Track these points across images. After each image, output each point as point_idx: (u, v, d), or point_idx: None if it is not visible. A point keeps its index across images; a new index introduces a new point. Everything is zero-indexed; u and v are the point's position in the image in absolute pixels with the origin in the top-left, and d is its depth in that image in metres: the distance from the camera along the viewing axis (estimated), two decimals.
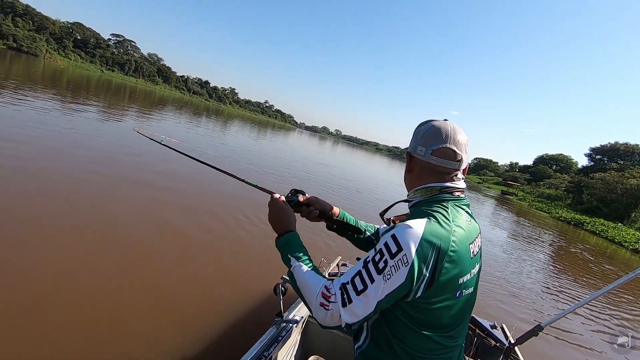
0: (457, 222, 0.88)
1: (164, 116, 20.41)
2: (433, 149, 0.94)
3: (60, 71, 39.34)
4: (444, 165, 0.94)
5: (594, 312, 5.67)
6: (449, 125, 0.96)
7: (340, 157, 34.21)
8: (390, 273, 0.80)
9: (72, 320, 2.32)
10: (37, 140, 6.36)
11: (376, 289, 0.81)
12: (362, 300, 0.81)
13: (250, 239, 4.64)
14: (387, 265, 0.81)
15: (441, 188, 0.94)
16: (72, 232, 3.47)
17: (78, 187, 4.66)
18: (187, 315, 2.74)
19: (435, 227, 0.84)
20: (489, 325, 2.51)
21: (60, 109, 11.04)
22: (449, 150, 0.94)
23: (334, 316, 0.83)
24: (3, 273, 2.58)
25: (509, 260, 8.02)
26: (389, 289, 0.80)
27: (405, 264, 0.79)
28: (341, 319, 0.82)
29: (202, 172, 7.20)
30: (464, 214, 0.94)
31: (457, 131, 0.96)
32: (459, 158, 0.95)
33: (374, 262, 0.83)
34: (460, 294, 0.88)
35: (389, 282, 0.80)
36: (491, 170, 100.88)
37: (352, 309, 0.82)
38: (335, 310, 0.82)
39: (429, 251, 0.80)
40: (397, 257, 0.80)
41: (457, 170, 0.96)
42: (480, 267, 0.98)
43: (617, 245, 18.64)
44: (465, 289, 0.90)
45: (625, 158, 45.51)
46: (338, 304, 0.82)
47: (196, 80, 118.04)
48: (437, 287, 0.83)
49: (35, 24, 64.98)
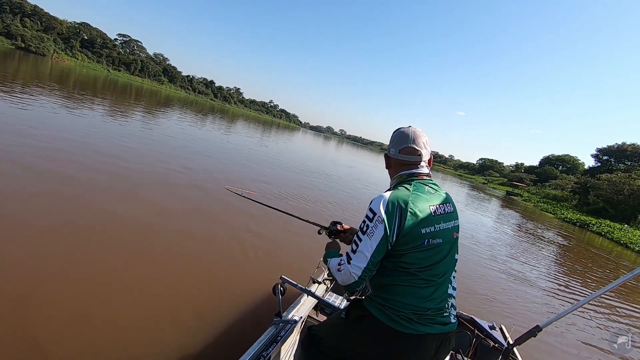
0: (418, 191, 1.23)
1: (185, 118, 20.55)
2: (400, 149, 1.33)
3: (68, 71, 39.70)
4: (409, 160, 1.32)
5: (594, 312, 5.65)
6: (411, 130, 1.34)
7: (351, 157, 34.19)
8: (372, 231, 1.15)
9: (71, 320, 2.33)
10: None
11: (365, 245, 1.16)
12: (359, 255, 1.17)
13: (251, 239, 4.67)
14: (368, 227, 1.16)
15: (409, 174, 1.31)
16: (49, 232, 3.54)
17: (39, 182, 4.75)
18: (185, 314, 2.75)
19: (397, 192, 1.21)
20: (488, 326, 2.53)
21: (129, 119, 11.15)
22: (411, 148, 1.32)
23: (346, 273, 1.18)
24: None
25: (508, 260, 8.00)
26: (376, 242, 1.15)
27: (381, 222, 1.14)
28: (351, 274, 1.17)
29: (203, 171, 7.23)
30: (428, 187, 1.28)
31: (417, 134, 1.33)
32: (419, 153, 1.32)
33: (361, 229, 1.20)
34: (428, 242, 1.18)
35: (373, 237, 1.15)
36: (496, 170, 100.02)
37: (354, 263, 1.17)
38: (345, 268, 1.19)
39: (394, 208, 1.16)
40: (374, 219, 1.16)
41: (419, 162, 1.32)
42: (455, 229, 1.30)
43: (623, 246, 18.43)
44: (432, 238, 1.18)
45: (632, 159, 44.83)
46: (345, 264, 1.19)
47: (201, 80, 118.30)
48: (405, 234, 1.15)
49: (43, 25, 65.57)
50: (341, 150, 50.44)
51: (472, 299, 4.83)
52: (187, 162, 8.34)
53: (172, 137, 11.72)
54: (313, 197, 8.61)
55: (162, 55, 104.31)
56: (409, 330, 1.13)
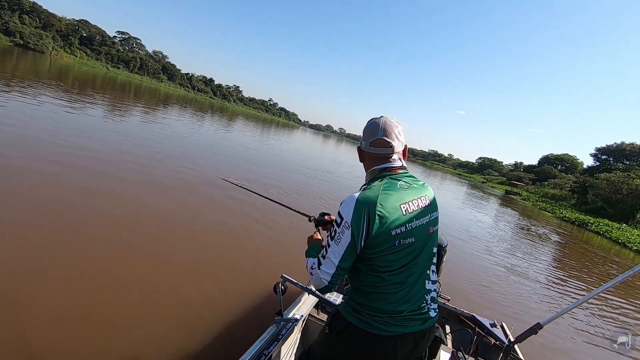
0: (388, 189, 1.16)
1: (190, 118, 20.51)
2: (370, 141, 1.26)
3: (67, 68, 39.57)
4: (380, 152, 1.25)
5: (595, 310, 5.68)
6: (382, 120, 1.26)
7: (350, 155, 34.20)
8: (339, 237, 1.12)
9: (71, 320, 2.32)
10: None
11: (333, 251, 1.14)
12: (327, 262, 1.15)
13: (251, 238, 4.68)
14: (336, 232, 1.13)
15: (381, 169, 1.25)
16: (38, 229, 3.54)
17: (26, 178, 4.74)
18: (187, 313, 2.75)
19: (365, 193, 1.14)
20: (489, 323, 2.54)
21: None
22: (382, 140, 1.24)
23: (317, 278, 1.17)
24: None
25: (508, 260, 8.03)
26: (343, 249, 1.12)
27: (348, 227, 1.10)
28: (321, 279, 1.16)
29: (204, 170, 7.24)
30: (401, 182, 1.21)
31: (388, 125, 1.25)
32: (391, 145, 1.23)
33: (330, 235, 1.18)
34: (399, 243, 1.13)
35: (340, 244, 1.12)
36: (495, 169, 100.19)
37: (323, 269, 1.15)
38: (316, 273, 1.17)
39: (362, 212, 1.10)
40: (342, 224, 1.12)
41: (391, 154, 1.24)
42: (432, 222, 1.24)
43: (621, 245, 18.51)
44: (404, 239, 1.14)
45: (631, 158, 44.97)
46: (316, 268, 1.18)
47: (200, 78, 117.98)
48: (373, 238, 1.10)
49: (42, 22, 65.27)
50: (340, 148, 50.43)
51: (465, 287, 4.87)
52: (186, 162, 8.34)
53: (184, 137, 11.71)
54: (313, 193, 8.65)
55: (162, 53, 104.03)
56: (387, 332, 1.14)
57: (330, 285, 1.17)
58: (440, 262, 2.36)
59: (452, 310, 2.86)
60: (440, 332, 1.94)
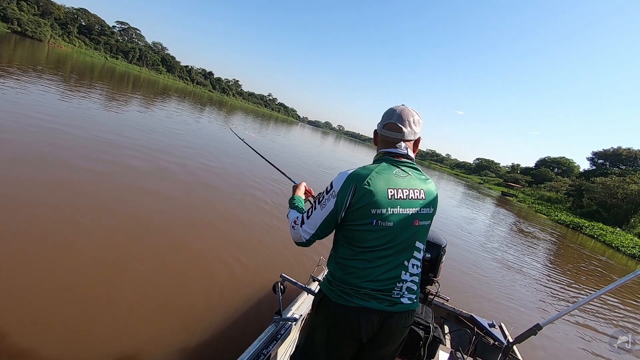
0: (382, 171, 1.21)
1: (199, 112, 20.37)
2: (384, 124, 1.31)
3: (65, 57, 39.11)
4: (390, 136, 1.29)
5: (594, 312, 5.74)
6: (399, 107, 1.31)
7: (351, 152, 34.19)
8: (325, 203, 1.21)
9: (72, 319, 2.32)
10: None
11: (317, 214, 1.23)
12: (310, 222, 1.24)
13: (251, 237, 4.66)
14: (324, 198, 1.22)
15: (385, 152, 1.30)
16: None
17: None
18: (186, 312, 2.74)
19: (360, 170, 1.21)
20: (488, 324, 2.56)
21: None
22: (394, 125, 1.28)
23: (297, 233, 1.27)
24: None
25: (508, 260, 8.09)
26: (325, 214, 1.21)
27: (334, 196, 1.19)
28: (301, 236, 1.26)
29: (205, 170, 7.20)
30: (399, 169, 1.24)
31: (405, 112, 1.29)
32: (402, 131, 1.27)
33: (318, 199, 1.25)
34: (377, 223, 1.17)
35: (324, 208, 1.21)
36: (492, 171, 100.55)
37: (305, 228, 1.25)
38: (297, 229, 1.27)
39: (350, 185, 1.17)
40: (330, 192, 1.21)
41: (400, 140, 1.28)
42: (421, 217, 1.24)
43: (614, 249, 18.71)
44: (382, 220, 1.17)
45: (627, 163, 45.27)
46: (299, 225, 1.27)
47: (200, 71, 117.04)
48: (354, 211, 1.17)
49: (40, 9, 64.34)
50: (339, 146, 50.36)
51: (461, 279, 4.90)
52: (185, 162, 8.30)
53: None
54: None
55: (161, 44, 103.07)
56: (349, 303, 1.18)
57: (307, 243, 1.28)
58: (439, 262, 2.37)
59: (451, 310, 2.88)
60: (438, 332, 1.96)
